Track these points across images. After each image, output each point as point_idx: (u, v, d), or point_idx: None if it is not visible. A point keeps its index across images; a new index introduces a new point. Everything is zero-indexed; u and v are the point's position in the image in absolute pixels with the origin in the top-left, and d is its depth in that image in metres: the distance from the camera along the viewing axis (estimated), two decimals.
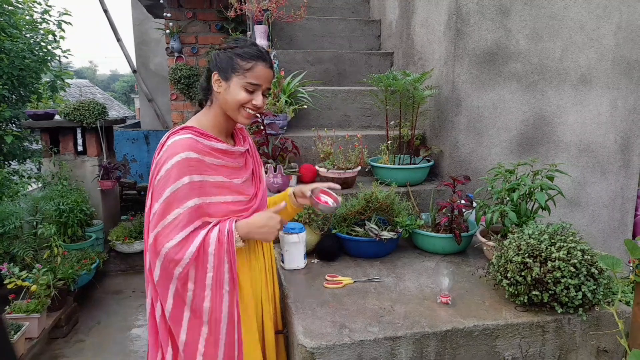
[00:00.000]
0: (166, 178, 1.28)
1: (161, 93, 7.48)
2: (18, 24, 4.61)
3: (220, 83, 1.36)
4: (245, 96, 1.35)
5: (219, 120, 1.42)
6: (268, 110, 2.64)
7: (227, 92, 1.35)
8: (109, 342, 3.21)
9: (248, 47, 1.36)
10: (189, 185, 1.29)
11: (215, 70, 1.37)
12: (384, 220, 2.10)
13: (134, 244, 4.29)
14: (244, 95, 1.34)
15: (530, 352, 1.53)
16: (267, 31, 3.25)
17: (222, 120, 1.42)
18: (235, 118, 1.39)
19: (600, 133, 2.67)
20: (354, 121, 3.11)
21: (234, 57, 1.34)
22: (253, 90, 1.36)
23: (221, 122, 1.43)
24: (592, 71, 2.61)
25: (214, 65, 1.38)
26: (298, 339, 1.41)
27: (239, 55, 1.34)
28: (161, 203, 1.28)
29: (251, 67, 1.34)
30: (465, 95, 2.53)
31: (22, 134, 4.54)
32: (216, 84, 1.37)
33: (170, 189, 1.28)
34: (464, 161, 2.59)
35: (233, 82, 1.34)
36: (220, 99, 1.38)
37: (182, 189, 1.28)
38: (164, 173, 1.29)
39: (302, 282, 1.80)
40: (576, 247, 1.54)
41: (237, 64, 1.34)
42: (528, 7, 2.49)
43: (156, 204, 1.30)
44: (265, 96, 1.40)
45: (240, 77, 1.34)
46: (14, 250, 3.33)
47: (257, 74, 1.35)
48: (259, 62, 1.35)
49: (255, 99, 1.36)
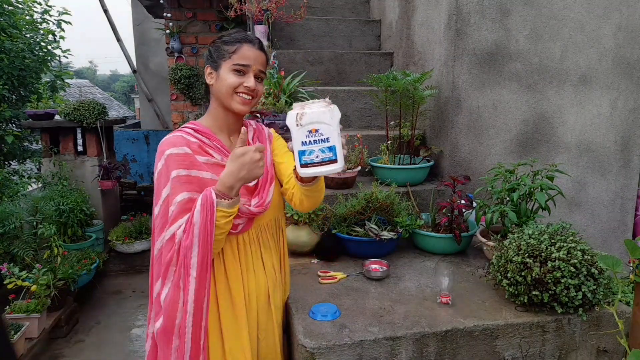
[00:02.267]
0: (159, 180, 1.28)
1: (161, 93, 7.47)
2: (18, 24, 4.61)
3: (212, 75, 1.36)
4: (235, 79, 1.32)
5: (218, 115, 1.40)
6: (268, 110, 2.64)
7: (218, 80, 1.34)
8: (108, 342, 3.21)
9: (233, 33, 1.37)
10: (176, 179, 1.26)
11: (207, 65, 1.38)
12: (384, 220, 2.10)
13: (134, 244, 4.29)
14: (233, 78, 1.32)
15: (530, 352, 1.53)
16: (267, 31, 3.25)
17: (220, 114, 1.39)
18: (230, 106, 1.34)
19: (600, 133, 2.67)
20: (354, 121, 3.11)
21: (220, 44, 1.35)
22: (243, 72, 1.33)
23: (220, 116, 1.39)
24: (592, 71, 2.61)
25: (205, 60, 1.40)
26: (298, 339, 1.41)
27: (224, 42, 1.35)
28: (160, 205, 1.27)
29: (236, 49, 1.33)
30: (465, 95, 2.53)
31: (22, 134, 4.55)
32: (209, 77, 1.37)
33: (166, 189, 1.26)
34: (464, 161, 2.59)
35: (222, 68, 1.33)
36: (214, 91, 1.37)
37: (172, 187, 1.26)
38: (156, 175, 1.29)
39: (301, 282, 1.80)
40: (576, 247, 1.54)
41: (223, 50, 1.34)
42: (528, 7, 2.49)
43: (156, 207, 1.28)
44: (258, 80, 1.36)
45: (227, 61, 1.33)
46: (14, 250, 3.33)
47: (243, 54, 1.33)
48: (243, 43, 1.34)
49: (246, 81, 1.32)
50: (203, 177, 1.29)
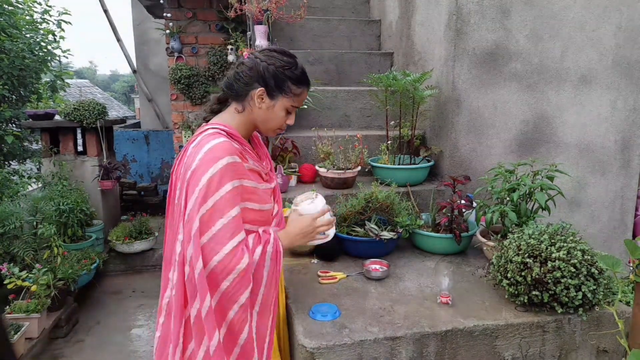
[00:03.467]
0: (208, 186, 1.19)
1: (161, 93, 7.48)
2: (18, 24, 4.61)
3: (263, 99, 1.33)
4: (284, 117, 1.37)
5: (248, 128, 1.39)
6: None
7: (270, 110, 1.34)
8: (108, 342, 3.20)
9: (299, 72, 1.35)
10: (233, 191, 1.22)
11: (261, 86, 1.31)
12: (384, 220, 2.10)
13: (134, 244, 4.29)
14: (283, 116, 1.36)
15: (530, 352, 1.53)
16: (267, 31, 3.25)
17: (250, 128, 1.40)
18: (266, 133, 1.41)
19: (601, 133, 2.67)
20: (354, 121, 3.11)
21: (287, 80, 1.32)
22: (292, 112, 1.38)
23: (249, 130, 1.40)
24: (592, 71, 2.61)
25: (260, 78, 1.31)
26: (298, 339, 1.41)
27: (292, 79, 1.33)
28: (204, 214, 1.19)
29: (301, 92, 1.35)
30: (465, 95, 2.53)
31: (22, 134, 4.55)
32: (259, 99, 1.32)
33: (214, 197, 1.19)
34: (464, 161, 2.59)
35: (279, 102, 1.33)
36: (257, 113, 1.34)
37: (225, 197, 1.20)
38: (205, 182, 1.19)
39: (302, 282, 1.80)
40: (576, 247, 1.54)
41: (289, 88, 1.33)
42: (528, 7, 2.49)
43: (197, 215, 1.19)
44: None
45: (288, 99, 1.34)
46: (14, 250, 3.33)
47: (302, 98, 1.38)
48: (306, 87, 1.37)
49: (290, 118, 1.39)
50: (247, 185, 1.29)
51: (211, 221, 1.19)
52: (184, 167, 1.26)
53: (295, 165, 2.63)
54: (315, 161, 2.66)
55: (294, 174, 2.54)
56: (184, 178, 1.24)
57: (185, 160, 1.27)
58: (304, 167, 2.61)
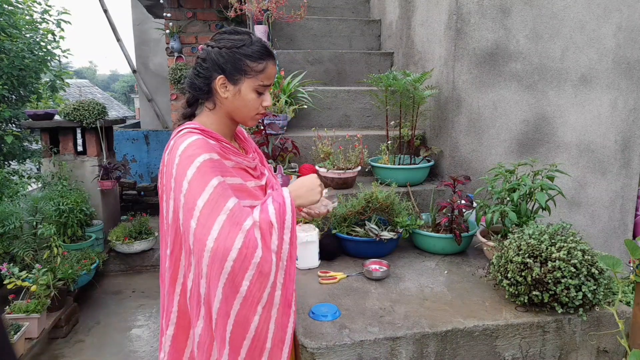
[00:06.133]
0: (192, 190, 1.13)
1: (161, 93, 7.48)
2: (18, 24, 4.61)
3: (227, 87, 1.23)
4: (257, 100, 1.26)
5: (226, 124, 1.31)
6: (268, 110, 2.64)
7: (237, 97, 1.24)
8: (108, 342, 3.20)
9: (255, 46, 1.23)
10: (219, 186, 1.14)
11: (219, 74, 1.22)
12: (384, 220, 2.10)
13: (134, 244, 4.29)
14: (255, 99, 1.26)
15: (530, 352, 1.53)
16: (267, 31, 3.25)
17: (228, 123, 1.31)
18: (245, 122, 1.30)
19: (601, 133, 2.67)
20: (354, 121, 3.11)
21: (243, 58, 1.22)
22: (263, 91, 1.27)
23: (227, 125, 1.32)
24: (593, 71, 2.61)
25: (215, 66, 1.23)
26: (298, 339, 1.41)
27: (248, 56, 1.22)
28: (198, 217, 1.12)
29: (263, 67, 1.23)
30: (465, 95, 2.53)
31: (22, 134, 4.54)
32: (222, 88, 1.23)
33: (202, 198, 1.12)
34: (464, 161, 2.59)
35: (244, 85, 1.23)
36: (227, 104, 1.26)
37: (213, 195, 1.13)
38: (187, 185, 1.13)
39: (301, 282, 1.80)
40: (576, 247, 1.54)
41: (248, 67, 1.22)
42: (528, 7, 2.49)
43: (192, 220, 1.12)
44: None
45: (253, 79, 1.23)
46: (13, 250, 3.33)
47: (269, 74, 1.25)
48: (269, 61, 1.24)
49: (264, 100, 1.28)
50: (232, 183, 1.22)
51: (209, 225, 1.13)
52: (166, 177, 1.20)
53: (295, 165, 2.63)
54: (315, 161, 2.66)
55: (294, 174, 2.54)
56: (169, 188, 1.18)
57: (165, 170, 1.21)
58: (304, 167, 2.60)
